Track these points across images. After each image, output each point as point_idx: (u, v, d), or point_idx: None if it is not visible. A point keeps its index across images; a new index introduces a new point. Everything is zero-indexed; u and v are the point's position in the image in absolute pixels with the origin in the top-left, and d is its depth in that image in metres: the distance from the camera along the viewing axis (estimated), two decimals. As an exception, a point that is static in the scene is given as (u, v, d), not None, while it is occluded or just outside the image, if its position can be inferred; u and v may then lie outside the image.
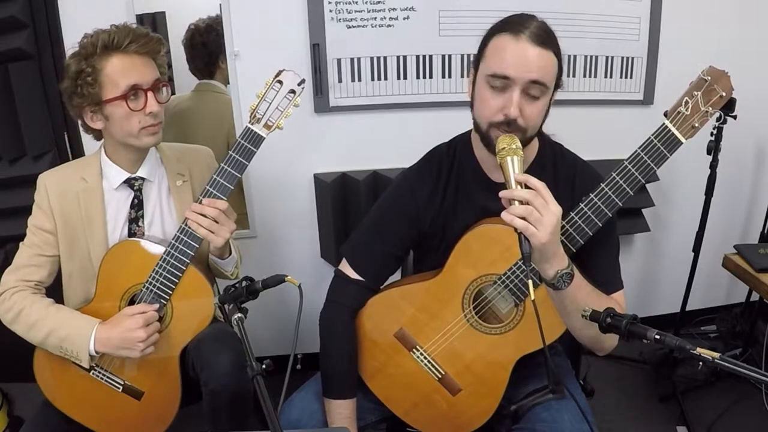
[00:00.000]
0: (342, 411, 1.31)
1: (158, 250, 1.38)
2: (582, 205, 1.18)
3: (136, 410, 1.45)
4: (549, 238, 1.04)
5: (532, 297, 1.00)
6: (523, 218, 1.03)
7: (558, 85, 1.20)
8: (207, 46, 2.33)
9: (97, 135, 1.44)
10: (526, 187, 1.06)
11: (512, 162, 1.09)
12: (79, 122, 1.42)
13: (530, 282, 1.01)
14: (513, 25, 1.17)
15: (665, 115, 1.15)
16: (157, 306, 1.37)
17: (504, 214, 1.05)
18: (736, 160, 2.40)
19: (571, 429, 1.22)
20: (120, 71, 1.32)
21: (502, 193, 1.06)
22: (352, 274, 1.35)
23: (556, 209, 1.05)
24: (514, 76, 1.14)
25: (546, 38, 1.15)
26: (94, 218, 1.43)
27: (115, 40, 1.31)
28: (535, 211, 1.03)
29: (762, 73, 2.30)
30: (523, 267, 1.22)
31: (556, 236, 1.07)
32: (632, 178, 1.15)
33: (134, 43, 1.33)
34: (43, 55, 1.90)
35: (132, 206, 1.46)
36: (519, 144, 1.13)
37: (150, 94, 1.35)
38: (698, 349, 0.89)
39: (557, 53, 1.17)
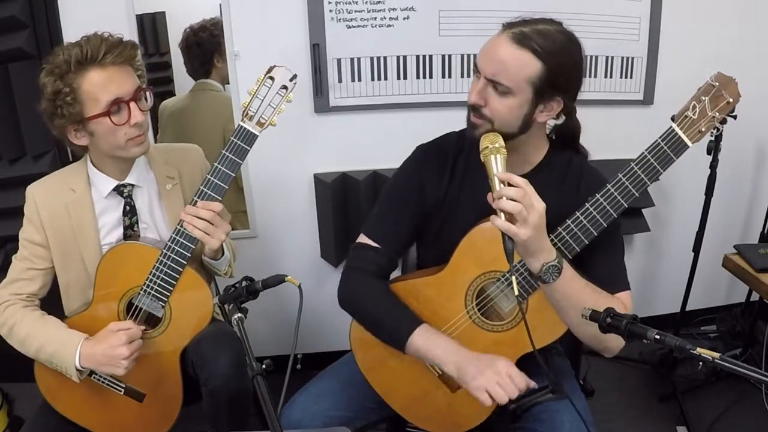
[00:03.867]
0: (431, 332, 1.23)
1: (154, 252, 1.37)
2: (587, 205, 1.19)
3: (139, 412, 1.45)
4: (531, 234, 1.07)
5: (516, 293, 1.07)
6: (510, 216, 1.07)
7: (544, 94, 1.17)
8: (201, 46, 2.35)
9: (82, 150, 1.41)
10: (509, 185, 1.09)
11: (495, 160, 1.12)
12: (65, 139, 1.37)
13: (514, 278, 1.07)
14: (514, 23, 1.18)
15: (672, 119, 1.16)
16: (135, 326, 1.35)
17: (492, 217, 1.09)
18: (736, 160, 2.40)
19: (570, 429, 1.22)
20: (99, 86, 1.28)
21: (494, 194, 1.09)
22: (371, 243, 1.34)
23: (540, 206, 1.08)
24: (479, 65, 1.19)
25: (530, 40, 1.13)
26: (86, 228, 1.42)
27: (89, 54, 1.26)
28: (524, 210, 1.06)
29: (762, 73, 2.30)
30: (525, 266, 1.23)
31: (539, 231, 1.09)
32: (638, 180, 1.17)
33: (109, 54, 1.27)
34: (43, 55, 1.89)
35: (125, 213, 1.45)
36: (502, 142, 1.15)
37: (133, 104, 1.31)
38: (698, 349, 0.89)
39: (546, 60, 1.14)
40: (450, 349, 1.21)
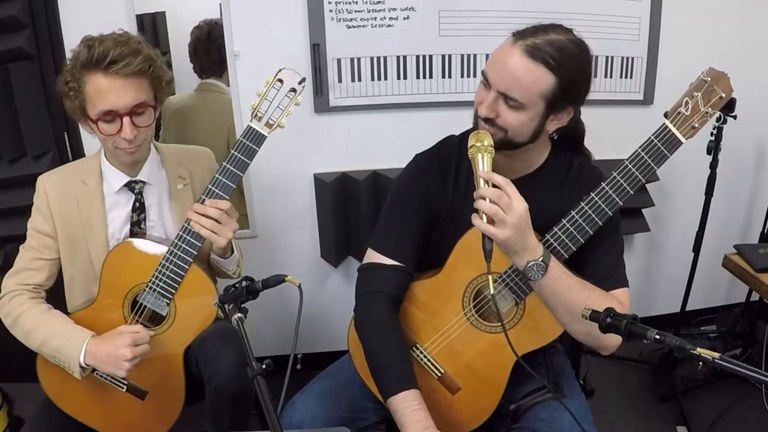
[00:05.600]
0: (411, 403, 1.20)
1: (160, 249, 1.38)
2: (583, 204, 1.19)
3: (140, 410, 1.45)
4: (510, 234, 1.08)
5: (492, 291, 1.10)
6: (490, 216, 1.08)
7: (556, 106, 1.17)
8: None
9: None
10: (494, 185, 1.10)
11: (481, 159, 1.13)
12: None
13: (490, 277, 1.09)
14: (524, 32, 1.15)
15: (665, 115, 1.16)
16: (144, 331, 1.36)
17: (473, 216, 1.11)
18: (736, 160, 2.40)
19: (570, 428, 1.22)
20: (97, 93, 1.27)
21: (475, 193, 1.11)
22: (385, 261, 1.31)
23: (520, 206, 1.09)
24: (489, 78, 1.17)
25: (542, 53, 1.11)
26: (95, 221, 1.42)
27: (94, 60, 1.25)
28: (500, 211, 1.08)
29: (762, 73, 2.30)
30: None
31: (521, 231, 1.10)
32: (633, 178, 1.17)
33: (116, 63, 1.26)
34: (43, 55, 1.90)
35: (134, 209, 1.46)
36: (491, 141, 1.15)
37: (126, 119, 1.29)
38: (698, 349, 0.89)
39: (559, 73, 1.13)
40: (420, 426, 1.16)
